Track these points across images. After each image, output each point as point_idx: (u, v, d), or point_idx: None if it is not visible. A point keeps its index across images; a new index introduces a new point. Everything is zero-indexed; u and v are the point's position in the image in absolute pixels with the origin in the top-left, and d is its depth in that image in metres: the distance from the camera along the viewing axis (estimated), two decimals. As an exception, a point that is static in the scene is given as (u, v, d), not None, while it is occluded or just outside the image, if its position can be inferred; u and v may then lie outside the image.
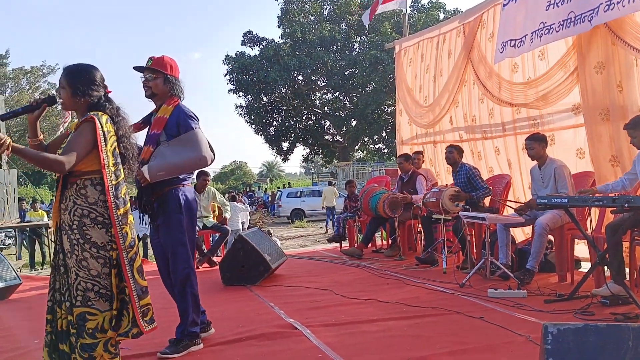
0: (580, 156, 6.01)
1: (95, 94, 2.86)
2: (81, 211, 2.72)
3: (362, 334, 3.90)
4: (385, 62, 30.17)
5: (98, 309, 2.70)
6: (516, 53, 6.10)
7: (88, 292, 2.69)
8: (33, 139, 3.00)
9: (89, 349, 2.67)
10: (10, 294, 5.99)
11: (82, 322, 2.68)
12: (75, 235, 2.71)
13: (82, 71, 2.88)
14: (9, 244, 16.16)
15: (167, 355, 3.55)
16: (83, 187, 2.75)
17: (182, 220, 3.67)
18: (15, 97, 38.86)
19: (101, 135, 2.74)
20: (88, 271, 2.69)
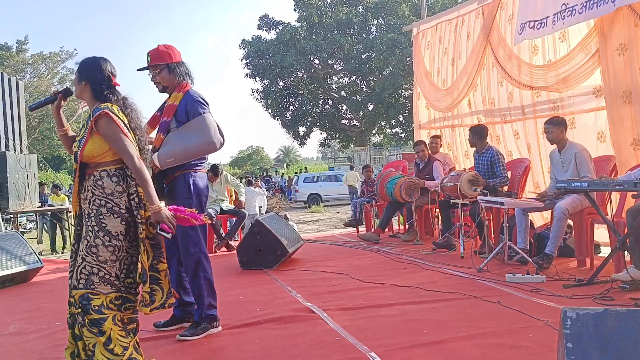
0: (601, 140, 5.93)
1: (97, 82, 2.90)
2: (99, 202, 2.78)
3: (379, 318, 3.91)
4: (403, 45, 29.90)
5: (100, 292, 2.75)
6: (536, 34, 6.01)
7: (92, 276, 2.74)
8: (59, 129, 3.11)
9: (98, 324, 2.72)
10: (32, 276, 6.10)
11: (86, 301, 2.73)
12: (92, 222, 2.77)
13: (89, 60, 2.96)
14: (30, 228, 16.44)
15: (186, 338, 3.61)
16: (99, 178, 2.80)
17: (191, 205, 3.64)
18: (35, 83, 39.22)
19: (121, 123, 2.80)
20: (96, 257, 2.74)
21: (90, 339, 2.71)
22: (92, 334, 2.71)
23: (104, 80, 2.92)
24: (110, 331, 2.73)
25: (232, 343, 3.51)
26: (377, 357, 3.07)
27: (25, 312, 4.65)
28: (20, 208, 8.77)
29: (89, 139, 2.81)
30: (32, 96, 37.21)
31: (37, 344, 3.70)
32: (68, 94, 3.05)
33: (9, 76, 9.52)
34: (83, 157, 2.82)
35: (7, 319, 4.40)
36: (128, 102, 2.97)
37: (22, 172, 8.95)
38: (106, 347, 2.71)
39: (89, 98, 2.94)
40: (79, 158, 2.83)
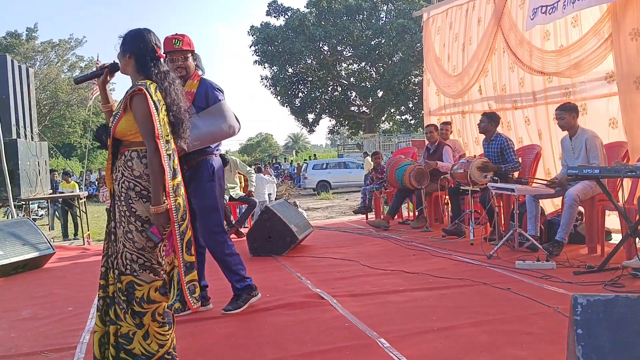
0: (613, 126, 5.87)
1: (141, 54, 2.81)
2: (127, 184, 2.70)
3: (388, 304, 3.92)
4: (413, 31, 29.70)
5: (143, 280, 2.71)
6: (547, 20, 5.94)
7: (133, 264, 2.70)
8: (104, 105, 3.02)
9: (139, 316, 2.70)
10: (45, 263, 6.16)
11: (131, 289, 2.70)
12: (123, 207, 2.70)
13: (133, 32, 2.88)
14: (42, 215, 16.57)
15: (230, 312, 3.78)
16: (130, 159, 2.72)
17: (214, 187, 3.85)
18: (45, 70, 39.33)
19: (152, 105, 2.69)
20: (133, 243, 2.69)
21: (131, 327, 2.69)
22: (133, 324, 2.69)
23: (148, 52, 2.82)
24: (148, 327, 2.70)
25: (243, 328, 3.54)
26: (386, 342, 3.09)
27: (38, 297, 4.70)
28: (31, 195, 8.83)
29: (122, 115, 2.72)
30: (42, 83, 37.39)
31: (50, 329, 3.74)
32: (115, 69, 2.95)
33: (19, 63, 9.53)
34: (116, 133, 2.74)
35: (21, 304, 4.45)
36: (169, 76, 2.87)
37: (33, 159, 9.00)
38: (143, 340, 2.70)
39: (132, 72, 2.85)
40: (112, 133, 2.75)
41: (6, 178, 7.71)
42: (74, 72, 42.13)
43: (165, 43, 3.76)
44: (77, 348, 3.28)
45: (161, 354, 2.71)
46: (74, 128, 42.20)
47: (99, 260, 5.76)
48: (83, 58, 42.45)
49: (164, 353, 2.72)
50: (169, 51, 3.80)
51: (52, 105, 39.89)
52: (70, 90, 39.40)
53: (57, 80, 39.37)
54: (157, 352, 2.70)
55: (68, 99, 39.54)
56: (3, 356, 3.23)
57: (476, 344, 3.04)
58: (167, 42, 3.78)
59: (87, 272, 5.81)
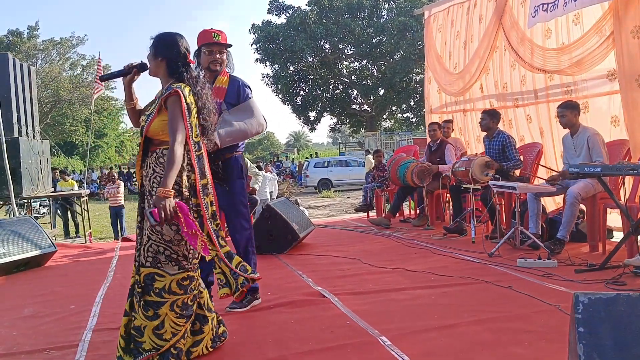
0: (615, 124, 5.86)
1: (173, 59, 2.90)
2: (160, 179, 2.77)
3: (389, 302, 3.92)
4: (414, 29, 29.68)
5: (167, 272, 2.77)
6: (548, 17, 5.93)
7: (159, 255, 2.76)
8: (128, 102, 3.09)
9: (155, 306, 2.75)
10: (46, 261, 6.17)
11: (150, 281, 2.76)
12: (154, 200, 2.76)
13: (166, 36, 2.95)
14: (44, 213, 16.59)
15: (235, 310, 3.80)
16: (162, 156, 2.81)
17: (243, 184, 3.95)
18: (46, 69, 39.36)
19: (185, 108, 2.79)
20: (161, 236, 2.76)
21: (142, 320, 2.74)
22: (144, 317, 2.74)
23: (180, 57, 2.92)
24: (165, 316, 2.75)
25: (244, 326, 3.54)
26: (387, 341, 3.09)
27: (39, 295, 4.71)
28: (33, 193, 8.84)
29: (156, 115, 2.83)
30: (44, 82, 37.40)
31: (52, 327, 3.75)
32: (143, 69, 3.02)
33: (21, 62, 9.54)
34: (149, 132, 2.85)
35: (22, 303, 4.46)
36: (200, 80, 2.97)
37: (35, 157, 9.02)
38: (155, 332, 2.74)
39: (163, 75, 2.95)
40: (145, 133, 2.85)
41: (8, 176, 7.73)
42: (76, 70, 42.18)
43: (204, 35, 3.84)
44: (79, 346, 3.29)
45: (172, 342, 2.76)
46: (76, 126, 42.25)
47: (101, 259, 5.78)
48: (85, 56, 42.48)
49: (172, 345, 2.76)
50: (208, 43, 3.85)
51: (54, 103, 39.90)
52: (72, 89, 39.45)
53: (59, 79, 39.40)
54: (169, 340, 2.75)
55: (70, 97, 39.57)
56: (5, 354, 3.24)
57: (477, 342, 3.04)
58: (206, 35, 3.83)
59: (89, 270, 5.82)
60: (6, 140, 7.84)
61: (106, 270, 5.62)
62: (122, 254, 6.59)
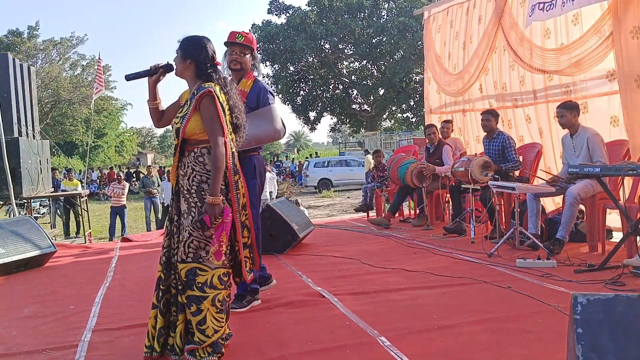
0: (614, 124, 5.87)
1: (202, 61, 2.96)
2: (200, 177, 2.86)
3: (389, 302, 3.93)
4: (414, 29, 29.68)
5: (208, 266, 2.84)
6: (544, 16, 5.93)
7: (200, 251, 2.83)
8: (152, 102, 3.16)
9: (197, 301, 2.81)
10: (46, 261, 6.17)
11: (192, 276, 2.82)
12: (194, 198, 2.85)
13: (194, 39, 3.03)
14: (44, 213, 16.59)
15: (235, 310, 3.79)
16: (200, 154, 2.88)
17: (255, 185, 3.94)
18: (46, 69, 39.37)
19: (220, 106, 2.87)
20: (203, 232, 2.82)
21: (189, 315, 2.83)
22: (189, 312, 2.83)
23: (208, 59, 2.98)
24: (207, 311, 2.82)
25: (243, 327, 3.54)
26: (387, 341, 3.09)
27: (39, 295, 4.71)
28: (33, 193, 8.84)
29: (191, 116, 2.88)
30: (44, 82, 37.41)
31: (52, 327, 3.75)
32: (169, 70, 3.08)
33: (21, 62, 9.55)
34: (185, 134, 2.89)
35: (22, 303, 4.46)
36: (228, 81, 3.04)
37: (35, 157, 9.02)
38: (199, 327, 2.82)
39: (191, 76, 3.01)
40: (181, 134, 2.89)
41: (8, 176, 7.73)
42: (76, 70, 42.20)
43: (229, 36, 3.97)
44: (79, 346, 3.29)
45: (214, 339, 2.84)
46: (76, 126, 42.27)
47: (101, 259, 5.79)
48: (85, 56, 42.53)
49: (217, 339, 2.85)
50: (230, 42, 3.97)
51: (54, 103, 39.92)
52: (72, 89, 39.45)
53: (59, 79, 39.43)
54: (211, 337, 2.83)
55: (70, 97, 39.60)
56: (4, 354, 3.24)
57: (477, 342, 3.05)
58: (231, 35, 3.97)
59: (89, 270, 5.82)
60: (6, 140, 7.84)
61: (106, 270, 5.63)
62: (122, 254, 6.59)
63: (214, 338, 2.84)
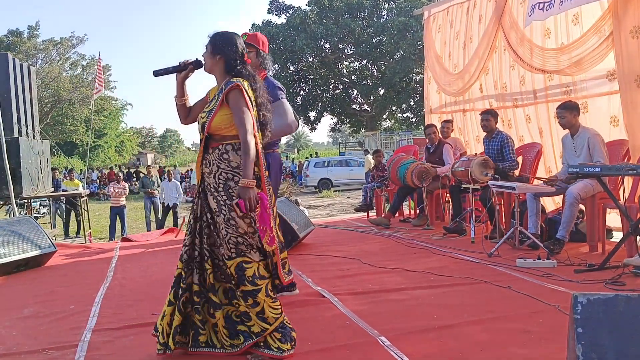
0: (614, 124, 5.86)
1: (231, 57, 2.96)
2: (225, 175, 2.86)
3: (389, 302, 3.93)
4: (414, 29, 29.69)
5: (252, 259, 2.88)
6: (544, 16, 5.93)
7: (240, 245, 2.86)
8: (180, 98, 3.16)
9: (252, 295, 2.85)
10: (46, 261, 6.17)
11: (240, 271, 2.85)
12: (222, 196, 2.86)
13: (224, 35, 3.03)
14: (44, 213, 16.60)
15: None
16: (225, 152, 2.88)
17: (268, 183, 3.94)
18: (46, 69, 39.38)
19: (248, 99, 2.87)
20: (236, 229, 2.85)
21: (247, 307, 2.86)
22: (245, 305, 2.86)
23: (238, 55, 2.98)
24: (263, 303, 2.85)
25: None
26: (387, 341, 3.09)
27: (39, 295, 4.71)
28: (33, 193, 8.85)
29: (218, 110, 2.88)
30: (44, 82, 37.41)
31: (52, 327, 3.75)
32: (198, 66, 3.08)
33: (21, 62, 9.55)
34: (210, 128, 2.89)
35: (22, 303, 4.46)
36: (257, 79, 3.03)
37: (35, 157, 9.02)
38: (259, 316, 2.85)
39: (220, 72, 3.00)
40: (206, 129, 2.89)
41: (8, 176, 7.73)
42: (76, 70, 42.21)
43: None
44: (79, 346, 3.29)
45: (277, 324, 2.88)
46: (76, 126, 42.28)
47: (101, 259, 5.77)
48: (85, 56, 42.54)
49: (279, 325, 2.90)
50: None
51: (54, 103, 39.93)
52: (72, 89, 39.44)
53: (59, 79, 39.43)
54: (274, 323, 2.86)
55: (70, 97, 39.60)
56: (4, 354, 3.24)
57: (477, 342, 3.05)
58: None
59: (89, 270, 5.82)
60: (6, 140, 7.84)
61: (106, 270, 5.62)
62: (122, 254, 6.59)
63: (277, 323, 2.88)
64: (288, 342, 2.90)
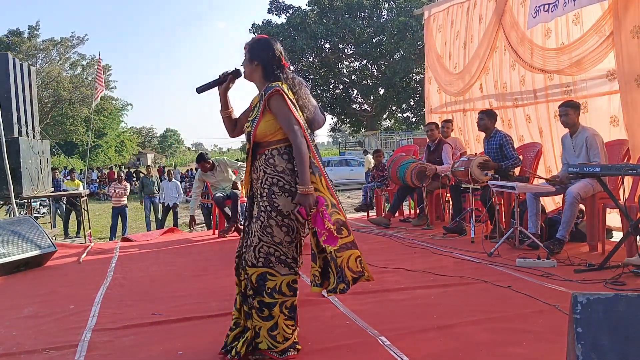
0: (614, 124, 5.87)
1: (269, 62, 2.94)
2: (271, 179, 2.83)
3: (389, 302, 3.93)
4: (414, 29, 29.68)
5: (278, 272, 2.83)
6: (549, 18, 5.93)
7: (270, 257, 2.82)
8: (224, 111, 3.12)
9: (268, 307, 2.82)
10: (46, 261, 6.17)
11: (262, 281, 2.82)
12: (264, 202, 2.83)
13: (261, 41, 3.02)
14: (44, 213, 16.59)
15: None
16: (271, 156, 2.85)
17: None
18: (46, 68, 39.38)
19: (290, 102, 2.84)
20: (271, 237, 2.81)
21: (257, 322, 2.84)
22: (259, 318, 2.83)
23: (275, 60, 2.96)
24: (278, 318, 2.83)
25: (244, 327, 3.53)
26: (387, 341, 3.09)
27: (39, 295, 4.71)
28: (33, 193, 8.84)
29: (261, 118, 2.86)
30: (44, 82, 37.42)
31: (52, 327, 3.75)
32: (238, 75, 3.06)
33: (21, 62, 9.54)
34: (256, 137, 2.87)
35: (22, 302, 4.46)
36: (296, 81, 3.02)
37: (35, 157, 9.01)
38: (270, 333, 2.82)
39: (259, 78, 2.98)
40: (253, 138, 2.88)
41: (8, 176, 7.72)
42: (76, 70, 42.21)
43: None
44: (79, 346, 3.29)
45: (285, 346, 2.85)
46: (76, 126, 42.29)
47: (101, 259, 5.77)
48: (85, 56, 42.55)
49: (288, 346, 2.85)
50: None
51: (54, 103, 39.94)
52: (72, 89, 39.45)
53: (59, 79, 39.44)
54: (282, 344, 2.84)
55: (70, 97, 39.59)
56: (4, 354, 3.24)
57: (477, 342, 3.05)
58: None
59: (89, 270, 5.82)
60: (6, 140, 7.83)
61: (106, 270, 5.63)
62: (122, 254, 6.59)
63: (284, 345, 2.85)
64: (291, 349, 2.90)
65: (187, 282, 4.88)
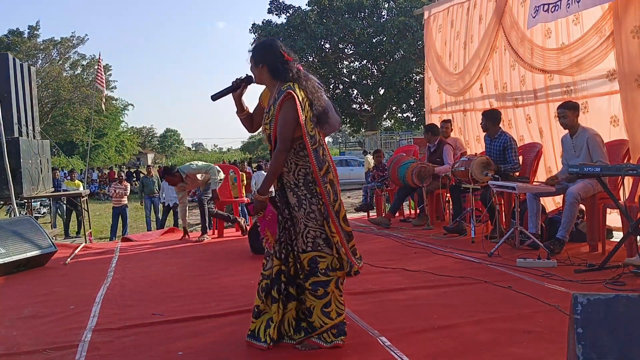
0: (614, 124, 5.86)
1: (273, 62, 3.03)
2: (304, 170, 3.01)
3: (389, 302, 3.93)
4: (414, 29, 29.66)
5: (327, 253, 3.02)
6: (550, 18, 5.93)
7: (317, 239, 3.00)
8: (241, 113, 3.30)
9: (324, 285, 3.00)
10: (47, 261, 6.16)
11: (314, 264, 3.00)
12: (302, 191, 3.00)
13: (262, 43, 3.14)
14: (44, 213, 16.59)
15: None
16: (300, 149, 3.01)
17: None
18: (47, 68, 39.36)
19: (300, 108, 2.93)
20: (316, 221, 3.00)
21: (312, 301, 3.01)
22: (314, 297, 3.00)
23: (278, 58, 3.04)
24: (332, 294, 3.02)
25: (244, 327, 3.52)
26: (387, 341, 3.09)
27: (39, 295, 4.71)
28: (34, 193, 8.84)
29: (277, 119, 2.97)
30: (44, 82, 37.40)
31: (52, 327, 3.75)
32: (250, 81, 3.18)
33: (21, 62, 9.54)
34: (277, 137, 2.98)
35: (22, 303, 4.46)
36: (302, 73, 3.09)
37: (35, 157, 9.01)
38: (323, 310, 2.98)
39: (267, 79, 3.09)
40: (273, 139, 3.00)
41: (8, 176, 7.72)
42: (76, 70, 42.19)
43: None
44: (79, 346, 3.29)
45: (337, 321, 3.03)
46: (76, 126, 42.28)
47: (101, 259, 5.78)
48: (85, 56, 42.51)
49: (339, 322, 3.04)
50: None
51: (54, 103, 39.93)
52: (72, 89, 39.44)
53: (59, 79, 39.42)
54: (334, 319, 3.01)
55: (70, 97, 39.57)
56: (5, 354, 3.24)
57: (477, 342, 3.05)
58: None
59: (89, 270, 5.82)
60: (6, 140, 7.83)
61: (106, 270, 5.62)
62: (122, 254, 6.59)
63: (337, 320, 3.01)
64: (341, 335, 3.04)
65: (187, 282, 4.88)
